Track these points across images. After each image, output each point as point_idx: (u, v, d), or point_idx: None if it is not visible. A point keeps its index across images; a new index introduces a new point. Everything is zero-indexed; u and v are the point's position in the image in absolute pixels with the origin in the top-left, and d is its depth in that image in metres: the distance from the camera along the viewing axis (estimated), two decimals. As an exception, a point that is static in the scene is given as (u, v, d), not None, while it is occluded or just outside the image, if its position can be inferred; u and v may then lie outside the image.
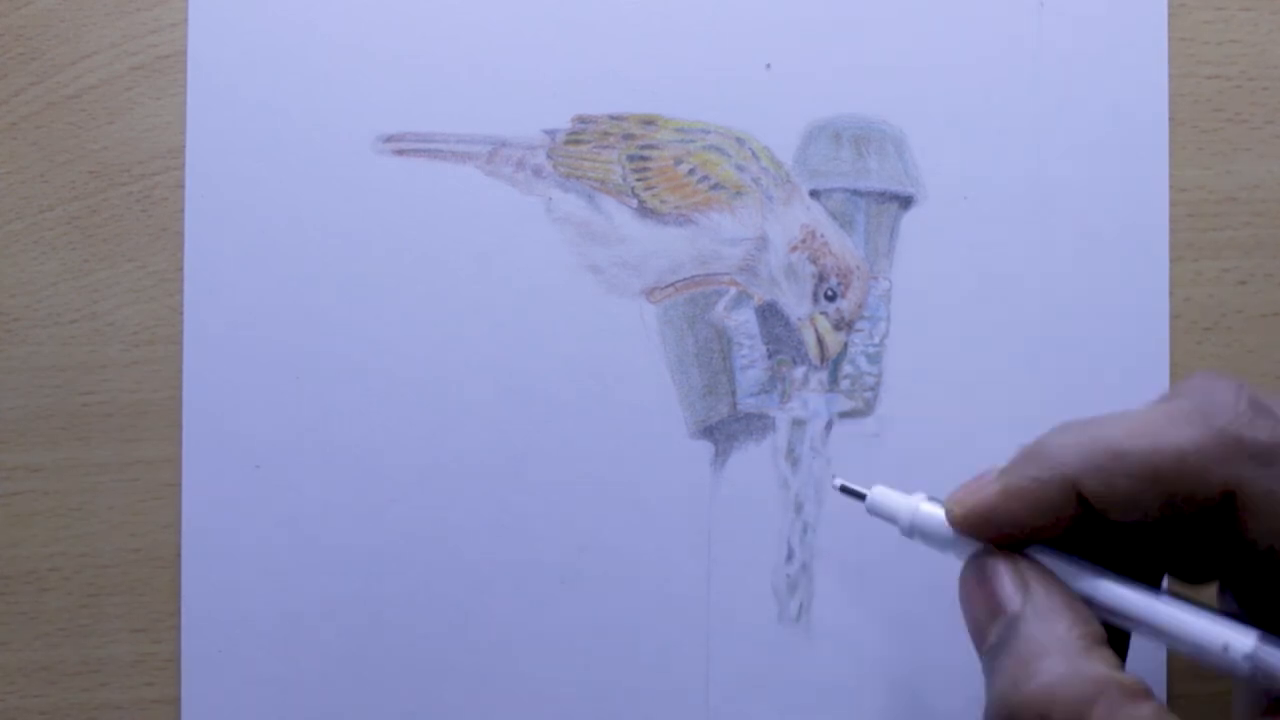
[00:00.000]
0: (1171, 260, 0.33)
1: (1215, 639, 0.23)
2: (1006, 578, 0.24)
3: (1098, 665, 0.22)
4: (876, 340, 0.33)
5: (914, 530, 0.27)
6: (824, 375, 0.33)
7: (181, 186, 0.33)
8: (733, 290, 0.33)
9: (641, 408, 0.33)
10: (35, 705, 0.33)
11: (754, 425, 0.33)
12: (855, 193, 0.33)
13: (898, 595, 0.32)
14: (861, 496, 0.28)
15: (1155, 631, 0.24)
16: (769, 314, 0.33)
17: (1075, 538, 0.25)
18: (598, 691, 0.32)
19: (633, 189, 0.33)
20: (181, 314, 0.33)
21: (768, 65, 0.33)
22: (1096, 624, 0.24)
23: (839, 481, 0.28)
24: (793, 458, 0.33)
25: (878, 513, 0.27)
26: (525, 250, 0.33)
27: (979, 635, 0.25)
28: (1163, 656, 0.32)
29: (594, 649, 0.32)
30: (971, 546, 0.26)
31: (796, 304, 0.33)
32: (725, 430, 0.33)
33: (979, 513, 0.25)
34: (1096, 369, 0.33)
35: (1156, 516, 0.24)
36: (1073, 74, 0.33)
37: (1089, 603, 0.24)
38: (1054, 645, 0.23)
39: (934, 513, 0.26)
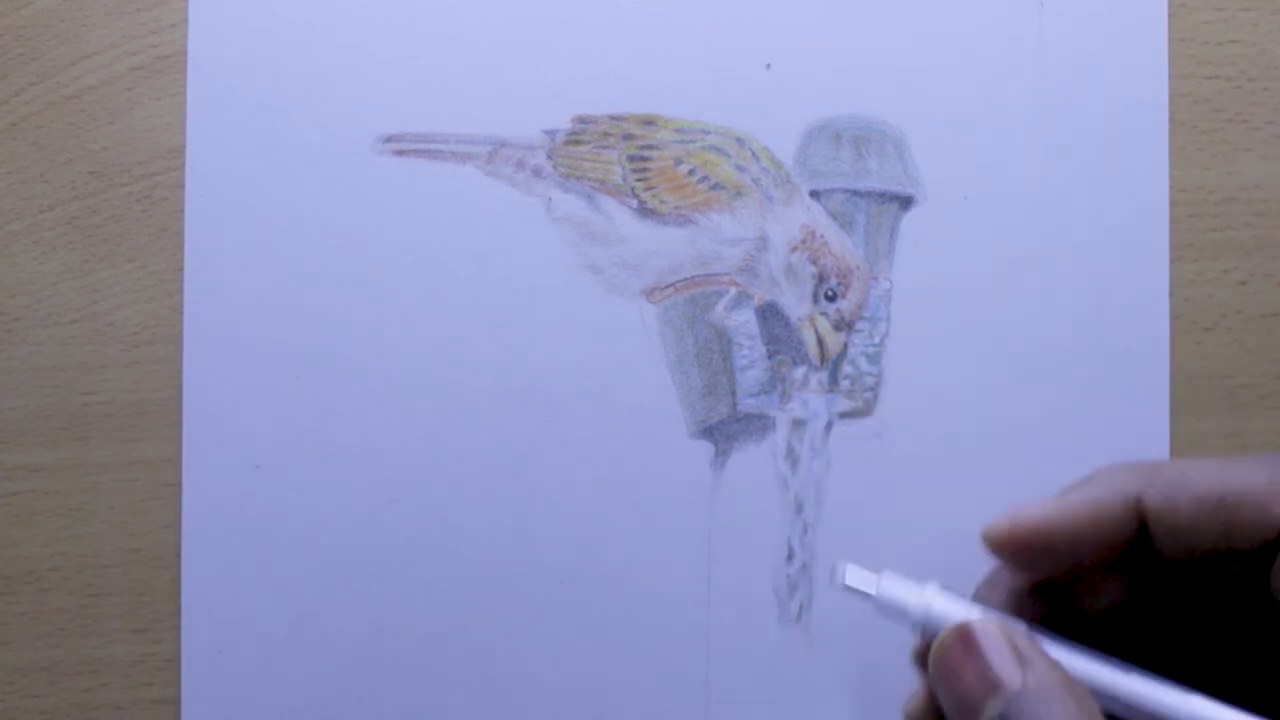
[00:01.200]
0: (1171, 260, 0.33)
1: None
2: (1005, 649, 0.22)
3: None
4: (876, 340, 0.33)
5: (928, 623, 0.24)
6: (824, 375, 0.33)
7: (181, 186, 0.33)
8: (733, 290, 0.33)
9: (641, 408, 0.33)
10: (35, 705, 0.33)
11: (754, 425, 0.33)
12: (855, 193, 0.33)
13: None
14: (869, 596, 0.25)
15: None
16: (769, 314, 0.33)
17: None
18: (598, 691, 0.32)
19: (633, 189, 0.33)
20: (181, 314, 0.33)
21: (768, 65, 0.33)
22: (1097, 709, 0.22)
23: (844, 582, 0.25)
24: (793, 458, 0.33)
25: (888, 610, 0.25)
26: (525, 250, 0.33)
27: (966, 709, 0.22)
28: None
29: (594, 649, 0.32)
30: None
31: (796, 304, 0.33)
32: (725, 430, 0.33)
33: (1030, 527, 0.23)
34: (1096, 369, 0.33)
35: (1211, 549, 0.23)
36: (1073, 74, 0.33)
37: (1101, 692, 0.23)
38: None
39: (949, 607, 0.24)
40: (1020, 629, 0.23)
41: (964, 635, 0.23)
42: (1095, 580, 0.24)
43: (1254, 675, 0.24)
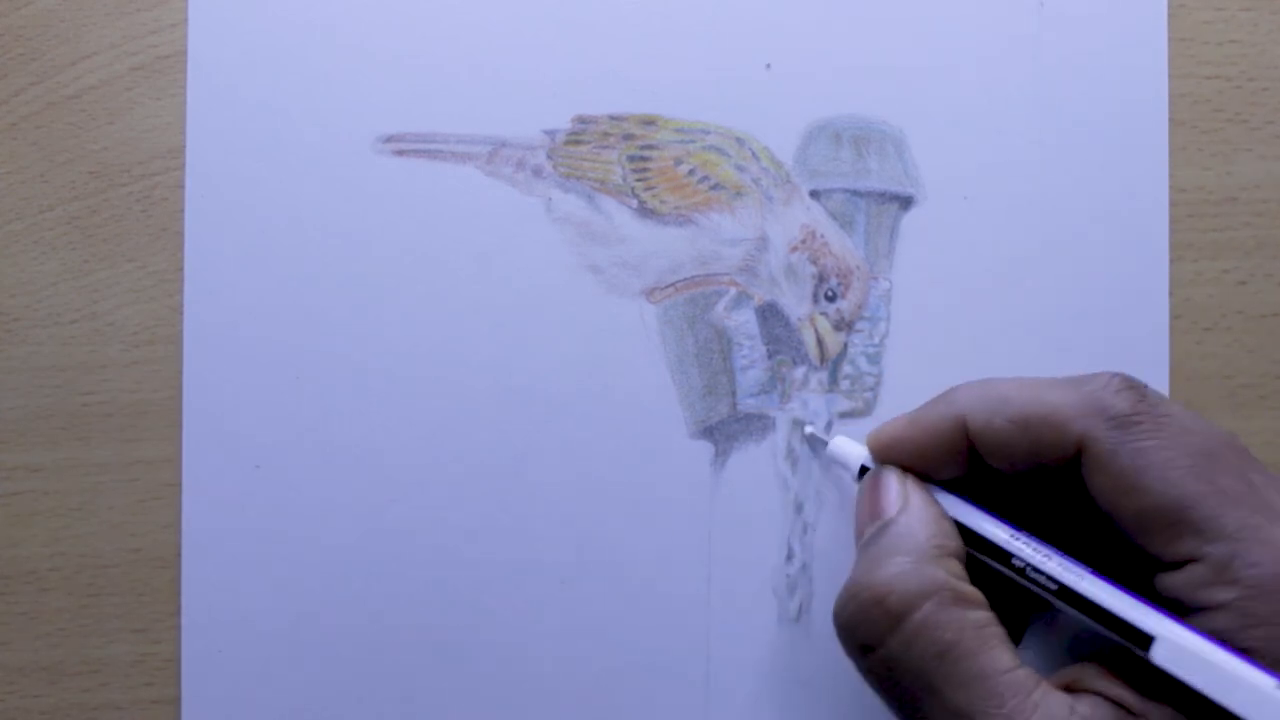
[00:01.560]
0: (1171, 260, 0.33)
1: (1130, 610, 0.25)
2: (893, 488, 0.28)
3: (939, 570, 0.26)
4: (876, 340, 0.33)
5: (833, 460, 0.31)
6: (824, 375, 0.33)
7: (181, 186, 0.33)
8: (733, 290, 0.33)
9: (641, 408, 0.33)
10: (35, 705, 0.33)
11: (754, 425, 0.33)
12: (855, 193, 0.33)
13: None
14: (824, 443, 0.31)
15: (1020, 571, 0.27)
16: (769, 314, 0.33)
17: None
18: (598, 691, 0.32)
19: (633, 189, 0.33)
20: (181, 314, 0.33)
21: (768, 65, 0.33)
22: (957, 541, 0.27)
23: (809, 429, 0.32)
24: (793, 458, 0.33)
25: (835, 459, 0.31)
26: (525, 250, 0.33)
27: (858, 534, 0.28)
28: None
29: (594, 649, 0.32)
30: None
31: (796, 304, 0.33)
32: (725, 430, 0.33)
33: (887, 438, 0.29)
34: (1096, 369, 0.33)
35: (1026, 464, 0.27)
36: (1073, 74, 0.33)
37: (977, 537, 0.28)
38: (909, 547, 0.27)
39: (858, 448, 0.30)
40: (911, 477, 0.29)
41: (872, 478, 0.29)
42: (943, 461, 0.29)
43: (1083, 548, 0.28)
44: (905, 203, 0.33)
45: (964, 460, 0.28)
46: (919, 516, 0.27)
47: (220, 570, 0.32)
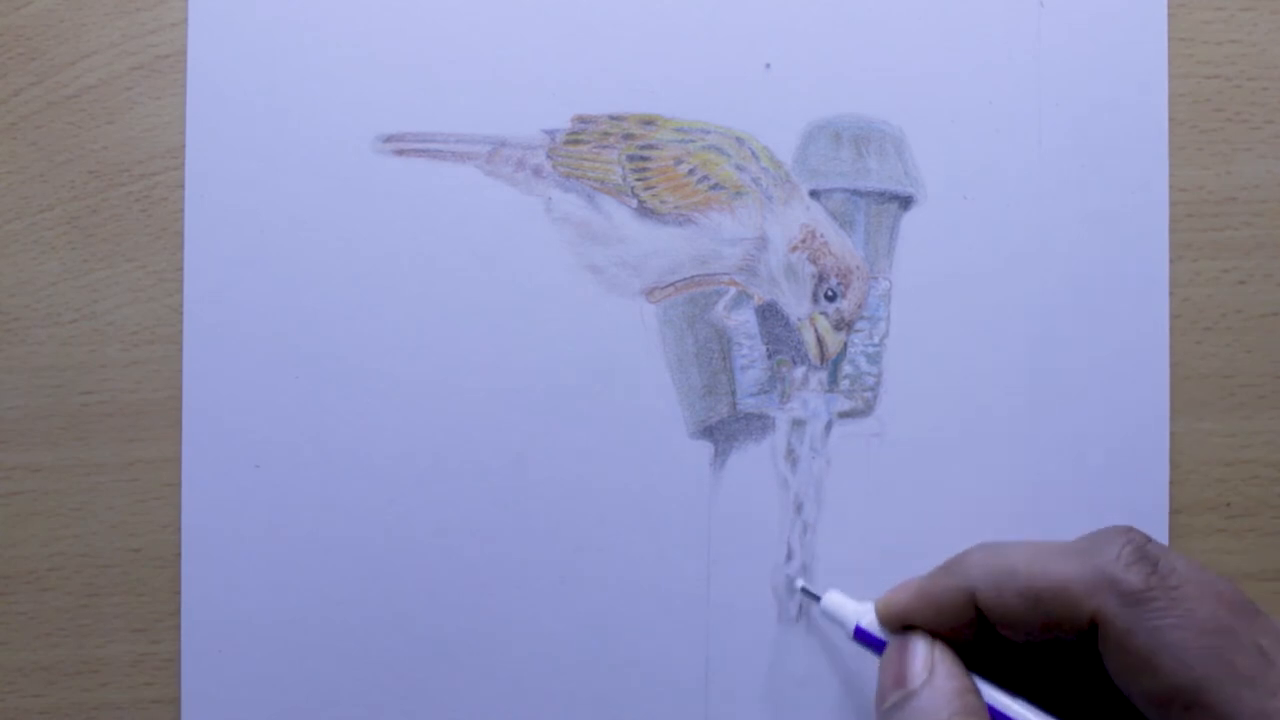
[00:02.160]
0: (1171, 260, 0.33)
1: None
2: (919, 657, 0.28)
3: None
4: (876, 340, 0.33)
5: (827, 617, 0.31)
6: (824, 375, 0.33)
7: (181, 186, 0.33)
8: (733, 290, 0.33)
9: (641, 408, 0.33)
10: (35, 705, 0.33)
11: (754, 425, 0.33)
12: (855, 193, 0.33)
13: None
14: (817, 599, 0.31)
15: None
16: (769, 314, 0.33)
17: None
18: (597, 691, 0.32)
19: (633, 189, 0.33)
20: (181, 314, 0.33)
21: (768, 65, 0.33)
22: (983, 716, 0.27)
23: (800, 584, 0.32)
24: (792, 458, 0.33)
25: (829, 615, 0.31)
26: (525, 250, 0.33)
27: (880, 698, 0.28)
28: None
29: (593, 648, 0.32)
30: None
31: (796, 304, 0.33)
32: (725, 430, 0.33)
33: (896, 611, 0.29)
34: (1096, 369, 0.33)
35: (1038, 637, 0.27)
36: (1073, 74, 0.33)
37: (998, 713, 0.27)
38: (933, 718, 0.26)
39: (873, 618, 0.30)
40: (939, 646, 0.28)
41: (900, 643, 0.29)
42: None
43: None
44: (905, 203, 0.33)
45: (974, 630, 0.28)
46: (944, 689, 0.27)
47: (220, 570, 0.32)
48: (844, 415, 0.33)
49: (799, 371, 0.33)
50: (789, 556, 0.33)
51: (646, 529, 0.33)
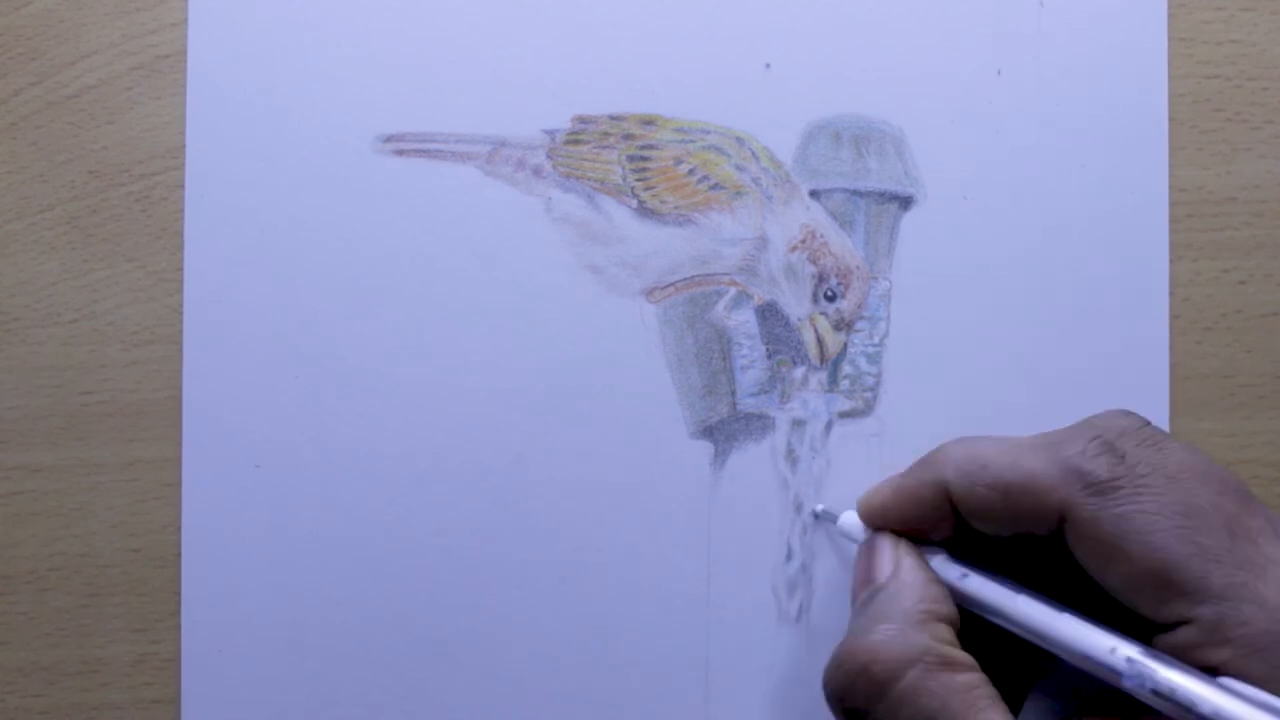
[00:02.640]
0: (1171, 260, 0.33)
1: (1101, 640, 0.25)
2: (886, 554, 0.29)
3: (924, 636, 0.26)
4: (876, 340, 0.33)
5: (843, 536, 0.31)
6: (824, 375, 0.33)
7: (181, 186, 0.33)
8: (733, 290, 0.33)
9: (641, 408, 0.33)
10: (35, 705, 0.33)
11: (754, 425, 0.33)
12: (855, 193, 0.33)
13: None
14: (834, 520, 0.32)
15: (1040, 635, 0.26)
16: (769, 314, 0.33)
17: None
18: (597, 691, 0.32)
19: (633, 189, 0.33)
20: (181, 314, 0.33)
21: (768, 65, 0.33)
22: (948, 605, 0.27)
23: (820, 507, 0.32)
24: (792, 458, 0.33)
25: (845, 534, 0.31)
26: (525, 250, 0.33)
27: (853, 598, 0.29)
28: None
29: (593, 648, 0.32)
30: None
31: (796, 304, 0.33)
32: (725, 430, 0.33)
33: (874, 507, 0.30)
34: (1096, 369, 0.33)
35: (1011, 530, 0.27)
36: (1073, 74, 0.33)
37: (969, 600, 0.28)
38: (896, 613, 0.27)
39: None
40: (904, 543, 0.29)
41: (866, 544, 0.30)
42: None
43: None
44: (905, 203, 0.33)
45: (951, 524, 0.29)
46: (908, 581, 0.28)
47: (220, 570, 0.32)
48: (844, 415, 0.33)
49: (799, 371, 0.33)
50: (789, 556, 0.33)
51: (646, 529, 0.33)
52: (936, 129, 0.33)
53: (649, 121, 0.33)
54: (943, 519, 0.28)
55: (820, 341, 0.33)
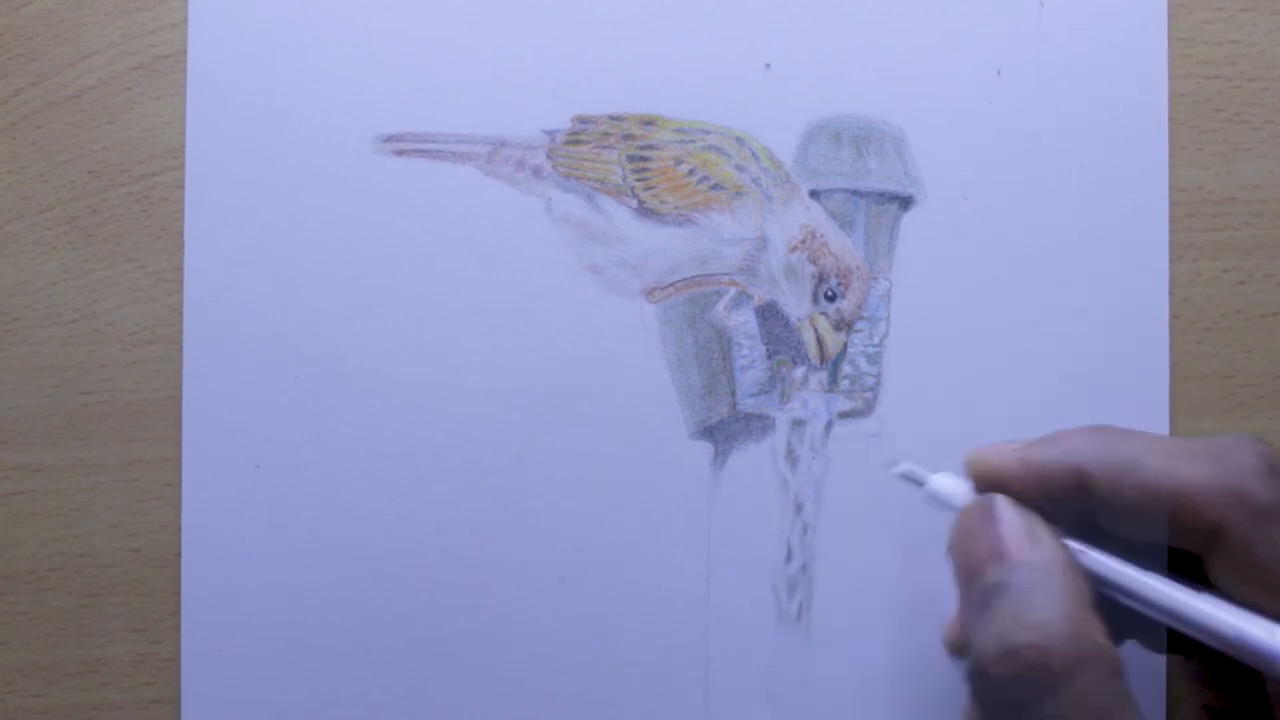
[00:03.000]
0: (1171, 260, 0.33)
1: (1257, 623, 0.24)
2: (1019, 526, 0.25)
3: (1096, 633, 0.23)
4: (876, 340, 0.33)
5: (935, 502, 0.28)
6: (824, 375, 0.33)
7: (181, 186, 0.33)
8: (733, 290, 0.33)
9: (641, 408, 0.33)
10: (35, 705, 0.33)
11: (754, 425, 0.33)
12: (855, 193, 0.33)
13: (897, 595, 0.32)
14: (921, 483, 0.28)
15: (1183, 618, 0.25)
16: (769, 314, 0.33)
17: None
18: (597, 691, 0.32)
19: (633, 189, 0.33)
20: (181, 314, 0.33)
21: (768, 65, 0.33)
22: (1091, 591, 0.24)
23: (904, 467, 0.29)
24: (792, 458, 0.33)
25: (938, 500, 0.28)
26: (525, 250, 0.33)
27: (972, 571, 0.25)
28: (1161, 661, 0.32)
29: (593, 648, 0.32)
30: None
31: (796, 304, 0.33)
32: (725, 430, 0.33)
33: (995, 472, 0.26)
34: (1096, 369, 0.33)
35: (1147, 537, 0.25)
36: (1073, 74, 0.33)
37: (1108, 583, 0.25)
38: (1057, 602, 0.24)
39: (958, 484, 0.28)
40: (1036, 517, 0.25)
41: (985, 506, 0.26)
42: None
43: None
44: (905, 203, 0.33)
45: (1072, 515, 0.26)
46: (1059, 562, 0.24)
47: (220, 570, 0.32)
48: (844, 415, 0.33)
49: (799, 372, 0.33)
50: (789, 556, 0.33)
51: (646, 529, 0.33)
52: (936, 129, 0.33)
53: (649, 122, 0.33)
54: (1065, 507, 0.26)
55: (820, 341, 0.33)
